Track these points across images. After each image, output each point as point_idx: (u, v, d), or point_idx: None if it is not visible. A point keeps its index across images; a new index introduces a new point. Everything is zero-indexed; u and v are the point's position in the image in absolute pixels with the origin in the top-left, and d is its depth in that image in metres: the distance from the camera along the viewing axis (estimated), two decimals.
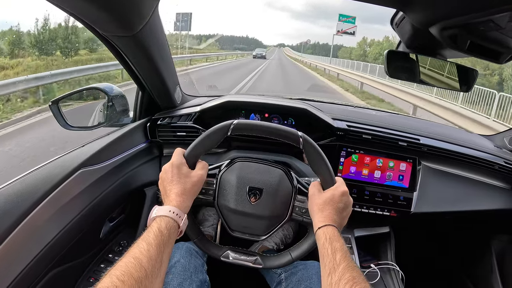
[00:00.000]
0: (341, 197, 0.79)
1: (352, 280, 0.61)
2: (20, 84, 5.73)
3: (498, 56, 0.85)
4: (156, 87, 1.18)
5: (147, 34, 0.90)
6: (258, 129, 0.85)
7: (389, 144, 1.25)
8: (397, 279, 1.23)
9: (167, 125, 1.25)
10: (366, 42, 56.66)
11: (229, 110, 1.30)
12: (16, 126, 4.76)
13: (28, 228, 0.78)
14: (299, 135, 0.83)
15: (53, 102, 1.14)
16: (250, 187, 0.87)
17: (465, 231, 1.62)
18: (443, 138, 1.33)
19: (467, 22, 0.75)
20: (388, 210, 1.24)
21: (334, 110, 1.43)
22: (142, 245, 0.62)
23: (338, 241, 0.70)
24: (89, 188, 0.95)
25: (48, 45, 10.14)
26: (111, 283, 0.53)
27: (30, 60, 9.11)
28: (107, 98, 1.21)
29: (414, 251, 1.76)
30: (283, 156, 1.08)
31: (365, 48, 54.51)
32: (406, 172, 1.26)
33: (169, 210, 0.71)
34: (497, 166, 1.29)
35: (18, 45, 9.52)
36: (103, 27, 0.82)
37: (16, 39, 9.53)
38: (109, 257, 1.14)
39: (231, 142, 1.25)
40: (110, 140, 1.08)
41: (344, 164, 1.26)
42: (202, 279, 0.97)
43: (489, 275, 1.42)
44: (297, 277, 0.97)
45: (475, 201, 1.30)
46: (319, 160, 0.83)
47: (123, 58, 1.00)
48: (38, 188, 0.84)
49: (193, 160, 0.84)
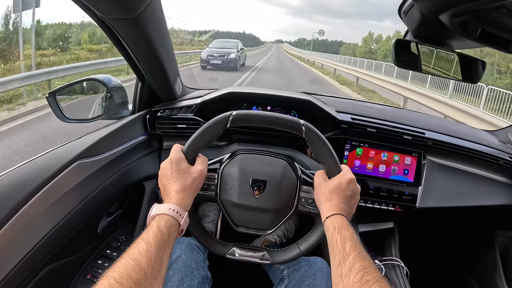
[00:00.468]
0: (348, 184, 0.77)
1: (363, 270, 0.58)
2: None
3: (509, 44, 0.84)
4: (157, 77, 1.15)
5: (147, 18, 0.86)
6: (259, 119, 0.83)
7: (394, 138, 1.23)
8: (402, 275, 1.22)
9: (167, 117, 1.22)
10: (372, 38, 55.29)
11: (230, 102, 1.28)
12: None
13: (21, 222, 0.75)
14: (301, 123, 0.81)
15: (50, 94, 1.11)
16: (253, 180, 0.85)
17: (469, 227, 1.61)
18: (448, 132, 1.31)
19: (478, 8, 0.73)
20: (393, 205, 1.22)
21: (337, 103, 1.41)
22: (141, 245, 0.59)
23: (347, 230, 0.68)
24: (86, 180, 0.92)
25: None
26: (108, 285, 0.51)
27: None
28: (106, 90, 1.18)
29: (418, 247, 1.75)
30: (286, 149, 1.06)
31: (372, 45, 53.25)
32: (411, 166, 1.24)
33: (169, 208, 0.68)
34: (502, 161, 1.28)
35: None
36: (101, 8, 0.78)
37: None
38: (107, 253, 1.11)
39: (232, 135, 1.23)
40: (108, 132, 1.05)
41: (349, 157, 1.24)
42: (203, 275, 0.95)
43: (493, 271, 1.42)
44: (300, 273, 0.95)
45: (480, 196, 1.29)
46: (323, 147, 0.80)
47: (121, 45, 0.96)
48: (32, 180, 0.81)
49: (193, 155, 0.81)
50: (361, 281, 0.57)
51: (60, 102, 1.13)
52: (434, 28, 0.89)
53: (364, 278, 0.57)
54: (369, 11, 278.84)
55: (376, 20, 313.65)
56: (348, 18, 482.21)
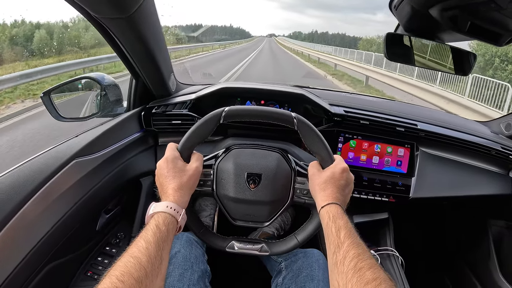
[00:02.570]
0: (341, 174, 0.78)
1: (357, 257, 0.60)
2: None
3: (498, 38, 0.85)
4: (151, 74, 1.15)
5: (141, 16, 0.86)
6: (251, 114, 0.84)
7: (387, 130, 1.25)
8: (397, 265, 1.24)
9: (162, 114, 1.23)
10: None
11: (224, 97, 1.28)
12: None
13: (21, 222, 0.76)
14: (293, 116, 0.83)
15: (45, 94, 1.11)
16: (248, 173, 0.86)
17: (462, 217, 1.63)
18: (440, 124, 1.32)
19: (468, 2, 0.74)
20: (386, 196, 1.24)
21: (330, 96, 1.42)
22: (141, 243, 0.61)
23: (342, 219, 0.69)
24: (83, 178, 0.93)
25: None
26: (111, 283, 0.52)
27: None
28: (100, 88, 1.18)
29: (413, 237, 1.78)
30: (280, 143, 1.07)
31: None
32: (404, 157, 1.26)
33: (167, 206, 0.69)
34: (494, 151, 1.30)
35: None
36: (95, 8, 0.78)
37: None
38: (107, 250, 1.12)
39: (227, 129, 1.23)
40: (104, 130, 1.05)
41: (342, 150, 1.26)
42: (203, 269, 0.96)
43: (487, 260, 1.44)
44: (298, 265, 0.97)
45: (473, 186, 1.31)
46: (315, 139, 0.82)
47: (115, 43, 0.96)
48: (31, 180, 0.81)
49: (187, 153, 0.82)
50: (355, 268, 0.58)
51: (55, 102, 1.13)
52: (425, 22, 0.90)
53: (358, 265, 0.58)
54: (361, 4, 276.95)
55: (369, 13, 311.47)
56: (340, 12, 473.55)
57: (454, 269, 1.65)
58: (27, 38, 11.88)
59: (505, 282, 1.33)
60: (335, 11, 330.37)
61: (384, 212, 1.35)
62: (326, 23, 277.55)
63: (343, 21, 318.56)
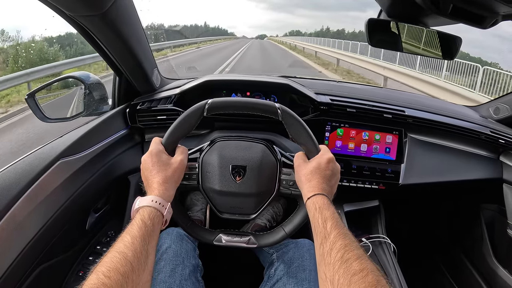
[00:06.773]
0: (327, 164, 0.78)
1: (344, 248, 0.59)
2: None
3: (482, 20, 0.84)
4: (133, 70, 1.14)
5: (117, 12, 0.85)
6: (234, 105, 0.84)
7: (374, 117, 1.24)
8: (389, 252, 1.24)
9: (147, 110, 1.22)
10: None
11: (209, 90, 1.27)
12: None
13: (10, 224, 0.75)
14: (277, 106, 0.82)
15: (29, 95, 1.09)
16: (233, 166, 0.85)
17: (454, 202, 1.64)
18: (428, 109, 1.32)
19: None
20: (376, 183, 1.24)
21: (316, 85, 1.41)
22: (127, 238, 0.60)
23: (328, 210, 0.69)
24: (70, 178, 0.93)
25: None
26: (97, 279, 0.52)
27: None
28: (84, 87, 1.17)
29: (405, 224, 1.78)
30: (266, 134, 1.06)
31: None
32: (392, 144, 1.26)
33: (152, 200, 0.69)
34: (483, 135, 1.29)
35: None
36: (68, 6, 0.77)
37: None
38: (97, 248, 1.12)
39: (214, 122, 1.23)
40: (89, 129, 1.05)
41: (330, 138, 1.25)
42: (194, 263, 0.96)
43: (480, 244, 1.44)
44: (289, 256, 0.97)
45: (463, 171, 1.31)
46: (300, 129, 0.82)
47: (94, 41, 0.95)
48: (16, 183, 0.81)
49: (172, 146, 0.82)
50: (341, 259, 0.58)
51: (39, 103, 1.11)
52: (407, 6, 0.89)
53: (345, 256, 0.58)
54: (351, 1, 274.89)
55: (359, 10, 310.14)
56: (330, 10, 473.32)
57: (447, 254, 1.67)
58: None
59: (499, 266, 1.33)
60: (325, 10, 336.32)
61: (375, 200, 1.35)
62: (317, 22, 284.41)
63: (333, 19, 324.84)
